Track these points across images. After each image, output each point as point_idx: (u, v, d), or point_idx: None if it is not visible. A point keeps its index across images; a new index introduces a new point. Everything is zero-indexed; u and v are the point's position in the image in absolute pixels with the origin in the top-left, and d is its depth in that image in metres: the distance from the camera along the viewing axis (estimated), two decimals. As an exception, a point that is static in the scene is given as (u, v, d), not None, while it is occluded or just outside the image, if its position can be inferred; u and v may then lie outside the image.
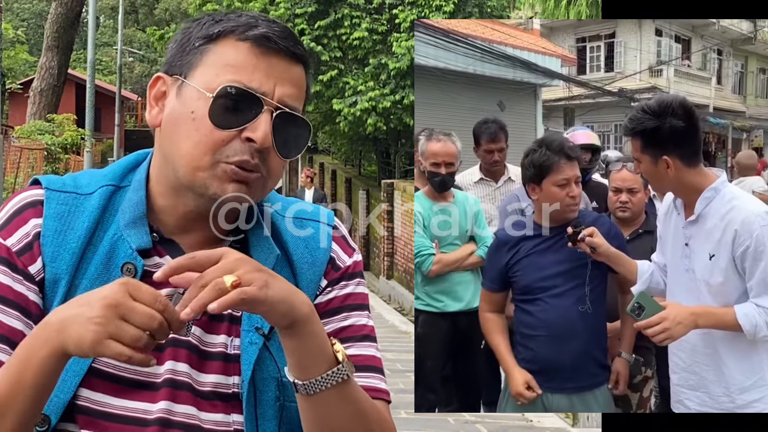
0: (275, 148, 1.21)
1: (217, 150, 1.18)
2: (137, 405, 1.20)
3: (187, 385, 1.22)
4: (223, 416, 1.23)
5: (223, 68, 1.19)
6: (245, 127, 1.18)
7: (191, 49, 1.22)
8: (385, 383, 1.32)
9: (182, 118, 1.20)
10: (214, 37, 1.22)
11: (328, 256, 1.32)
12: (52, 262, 1.21)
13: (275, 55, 1.21)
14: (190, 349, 1.23)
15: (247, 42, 1.20)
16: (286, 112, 1.21)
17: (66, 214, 1.23)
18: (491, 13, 18.72)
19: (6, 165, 15.92)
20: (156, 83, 1.26)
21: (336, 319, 1.31)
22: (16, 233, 1.22)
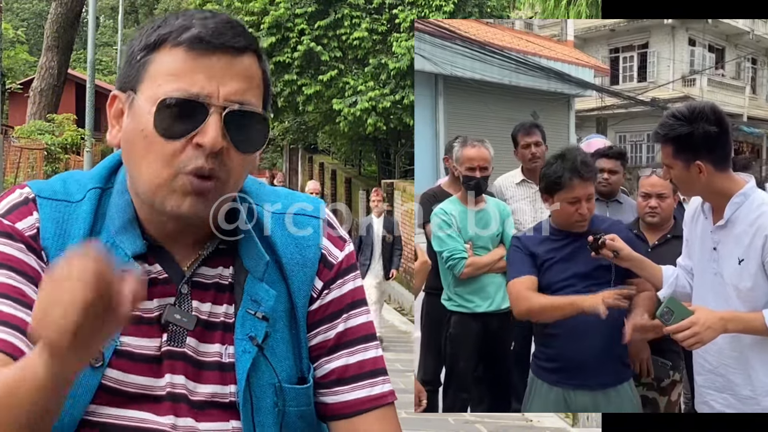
0: (233, 146, 1.17)
1: (172, 162, 1.15)
2: (146, 416, 1.20)
3: (183, 397, 1.21)
4: (222, 424, 1.22)
5: (164, 78, 1.16)
6: (195, 133, 1.15)
7: (135, 63, 1.20)
8: (389, 384, 1.32)
9: (135, 137, 1.17)
10: (152, 47, 1.18)
11: (319, 254, 1.30)
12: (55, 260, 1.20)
13: (212, 54, 1.16)
14: (185, 360, 1.22)
15: (181, 47, 1.16)
16: (236, 110, 1.17)
17: (61, 221, 1.22)
18: (491, 13, 18.73)
19: (6, 165, 15.92)
20: (114, 102, 1.23)
21: (338, 321, 1.30)
22: (24, 220, 1.21)
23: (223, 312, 1.24)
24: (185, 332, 1.22)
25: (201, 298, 1.24)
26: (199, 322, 1.22)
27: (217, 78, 1.16)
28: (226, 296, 1.25)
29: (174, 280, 1.23)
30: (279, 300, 1.26)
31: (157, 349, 1.21)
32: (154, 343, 1.21)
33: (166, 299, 1.22)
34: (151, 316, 1.22)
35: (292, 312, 1.27)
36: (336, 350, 1.29)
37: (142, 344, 1.21)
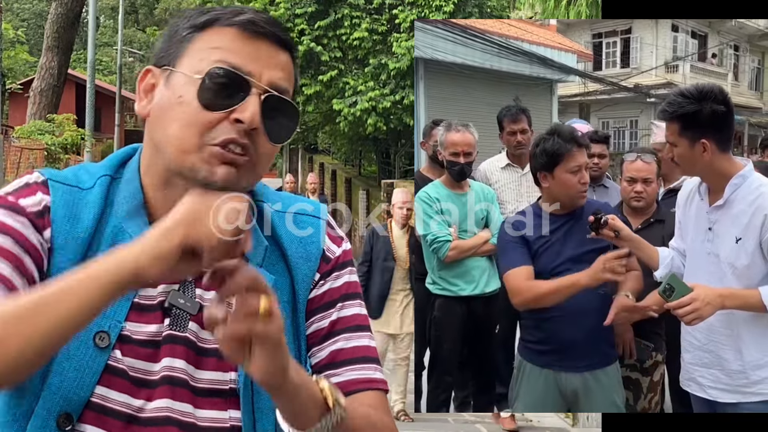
0: (264, 132, 1.20)
1: (205, 132, 1.18)
2: (135, 402, 1.21)
3: (184, 382, 1.22)
4: (219, 413, 1.23)
5: (209, 52, 1.20)
6: (234, 109, 1.18)
7: (178, 40, 1.23)
8: (381, 373, 1.33)
9: (170, 104, 1.20)
10: (200, 26, 1.23)
11: (321, 251, 1.33)
12: (60, 248, 1.21)
13: (262, 39, 1.21)
14: (187, 345, 1.23)
15: (233, 27, 1.21)
16: (275, 95, 1.21)
17: (72, 204, 1.24)
18: (491, 13, 18.74)
19: (6, 165, 15.93)
20: (146, 76, 1.26)
21: (332, 311, 1.32)
22: (28, 198, 1.23)
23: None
24: (188, 317, 1.23)
25: (205, 287, 1.25)
26: (202, 309, 1.23)
27: (262, 61, 1.21)
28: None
29: None
30: (282, 291, 1.28)
31: (157, 333, 1.23)
32: (154, 328, 1.23)
33: (171, 286, 1.24)
34: (154, 303, 1.23)
35: (294, 304, 1.30)
36: (329, 337, 1.31)
37: (144, 330, 1.22)
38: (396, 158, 20.03)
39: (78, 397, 1.18)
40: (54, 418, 1.18)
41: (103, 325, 1.20)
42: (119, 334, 1.21)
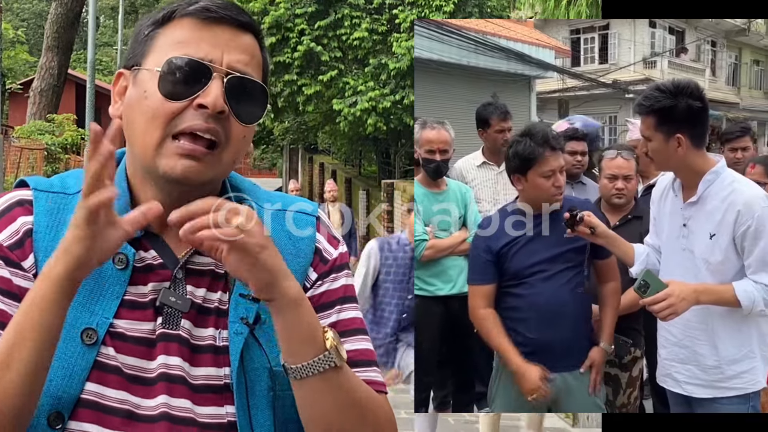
0: (234, 115, 1.22)
1: (169, 123, 1.20)
2: (128, 397, 1.21)
3: (181, 378, 1.22)
4: (216, 409, 1.23)
5: (170, 47, 1.23)
6: (197, 95, 1.20)
7: (143, 39, 1.26)
8: (380, 375, 1.34)
9: (138, 101, 1.23)
10: (160, 22, 1.25)
11: (313, 247, 1.34)
12: (45, 256, 1.20)
13: (218, 24, 1.23)
14: (180, 342, 1.23)
15: (190, 17, 1.23)
16: (237, 76, 1.22)
17: (56, 211, 1.25)
18: (491, 13, 18.72)
19: (6, 165, 15.91)
20: (118, 80, 1.29)
21: (330, 312, 1.32)
22: (5, 230, 1.23)
23: (217, 298, 1.27)
24: (180, 315, 1.24)
25: (196, 284, 1.26)
26: (194, 306, 1.25)
27: (221, 46, 1.23)
28: (221, 284, 1.28)
29: (169, 265, 1.26)
30: None
31: (151, 332, 1.23)
32: (148, 327, 1.23)
33: (161, 284, 1.24)
34: (145, 300, 1.24)
35: None
36: None
37: (136, 327, 1.23)
38: (396, 158, 20.01)
39: (68, 395, 1.18)
40: (44, 417, 1.18)
41: (90, 322, 1.21)
42: (113, 331, 1.21)
